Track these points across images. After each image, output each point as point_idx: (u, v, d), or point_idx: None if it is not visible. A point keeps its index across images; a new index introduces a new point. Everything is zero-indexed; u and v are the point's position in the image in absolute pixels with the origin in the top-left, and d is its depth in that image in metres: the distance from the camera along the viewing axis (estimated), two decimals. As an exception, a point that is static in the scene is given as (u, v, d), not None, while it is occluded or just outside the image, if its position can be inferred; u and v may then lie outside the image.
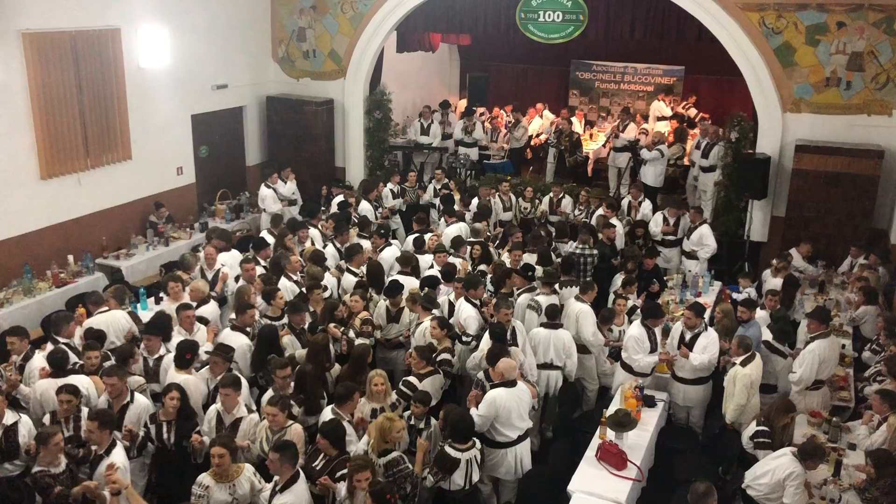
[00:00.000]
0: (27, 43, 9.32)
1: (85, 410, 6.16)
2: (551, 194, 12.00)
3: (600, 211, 11.28)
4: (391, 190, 12.36)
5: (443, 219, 11.21)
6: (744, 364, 7.11)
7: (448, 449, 5.99)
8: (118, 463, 5.44)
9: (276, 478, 5.42)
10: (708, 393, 7.59)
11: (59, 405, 6.09)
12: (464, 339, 7.93)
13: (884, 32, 10.51)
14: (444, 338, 7.49)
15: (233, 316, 7.80)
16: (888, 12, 10.43)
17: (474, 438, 6.13)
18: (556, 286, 8.62)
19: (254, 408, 6.53)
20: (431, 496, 6.17)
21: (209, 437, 6.03)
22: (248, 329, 7.60)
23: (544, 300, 8.26)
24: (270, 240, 9.91)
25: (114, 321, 7.65)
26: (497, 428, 6.41)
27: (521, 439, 6.53)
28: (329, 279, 8.95)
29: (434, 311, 7.89)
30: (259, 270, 8.92)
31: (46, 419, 6.16)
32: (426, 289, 8.35)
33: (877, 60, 10.65)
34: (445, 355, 7.32)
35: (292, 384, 6.75)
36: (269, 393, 6.54)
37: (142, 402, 6.38)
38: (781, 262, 9.71)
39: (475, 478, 6.08)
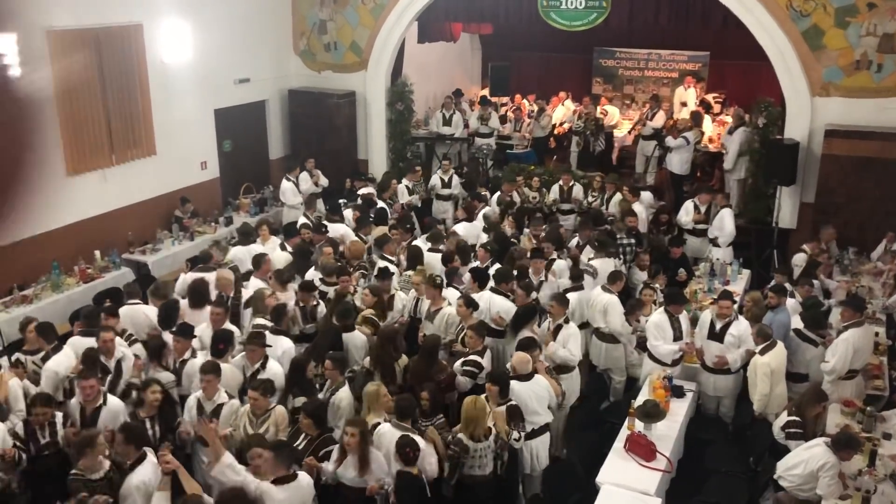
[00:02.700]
0: (52, 41, 9.39)
1: (59, 416, 6.08)
2: (561, 182, 11.89)
3: (617, 197, 11.21)
4: (406, 186, 12.32)
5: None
6: (762, 353, 7.01)
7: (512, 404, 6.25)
8: (140, 479, 5.29)
9: None
10: (738, 382, 7.47)
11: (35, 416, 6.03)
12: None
13: (916, 13, 10.28)
14: (469, 316, 7.47)
15: (258, 321, 7.55)
16: (920, -8, 10.20)
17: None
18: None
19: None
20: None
21: (192, 427, 6.09)
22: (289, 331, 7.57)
23: (599, 264, 8.82)
24: (302, 220, 10.36)
25: (135, 315, 7.67)
26: None
27: (535, 434, 6.49)
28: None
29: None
30: (285, 257, 9.21)
31: (20, 428, 6.06)
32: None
33: (908, 42, 10.42)
34: (476, 357, 7.07)
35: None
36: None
37: (116, 405, 6.24)
38: (817, 247, 9.60)
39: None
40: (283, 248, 9.61)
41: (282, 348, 7.12)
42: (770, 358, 6.94)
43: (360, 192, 11.68)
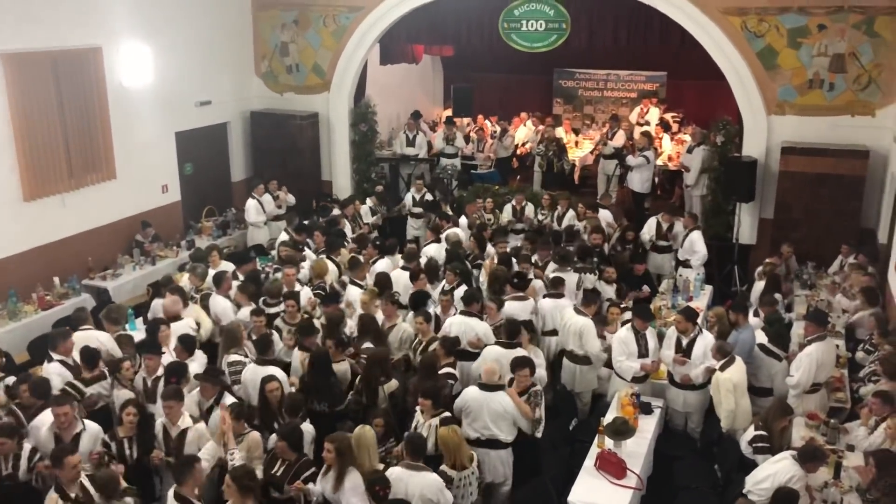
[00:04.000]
0: (6, 64, 9.21)
1: (26, 448, 5.93)
2: (514, 202, 11.97)
3: (570, 213, 11.33)
4: (370, 207, 12.33)
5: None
6: (723, 369, 7.07)
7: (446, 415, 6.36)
8: None
9: None
10: (707, 397, 7.50)
11: None
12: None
13: (864, 34, 10.61)
14: (429, 331, 7.57)
15: (232, 357, 7.43)
16: (868, 14, 10.52)
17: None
18: (573, 271, 9.29)
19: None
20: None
21: (163, 453, 6.13)
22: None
23: (565, 278, 8.84)
24: (283, 237, 10.56)
25: (88, 341, 7.41)
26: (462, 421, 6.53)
27: (483, 443, 6.50)
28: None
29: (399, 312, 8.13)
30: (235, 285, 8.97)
31: None
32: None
33: (858, 62, 10.74)
34: (448, 369, 7.15)
35: None
36: None
37: (94, 428, 6.15)
38: (774, 259, 9.78)
39: None
40: (235, 276, 9.32)
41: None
42: (731, 373, 7.00)
43: (334, 213, 11.71)
